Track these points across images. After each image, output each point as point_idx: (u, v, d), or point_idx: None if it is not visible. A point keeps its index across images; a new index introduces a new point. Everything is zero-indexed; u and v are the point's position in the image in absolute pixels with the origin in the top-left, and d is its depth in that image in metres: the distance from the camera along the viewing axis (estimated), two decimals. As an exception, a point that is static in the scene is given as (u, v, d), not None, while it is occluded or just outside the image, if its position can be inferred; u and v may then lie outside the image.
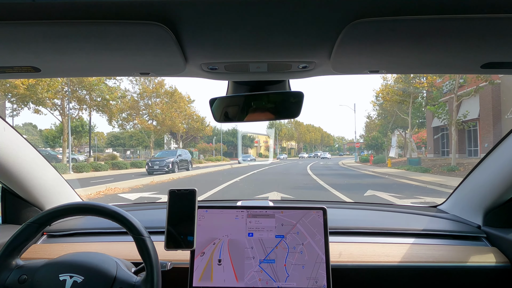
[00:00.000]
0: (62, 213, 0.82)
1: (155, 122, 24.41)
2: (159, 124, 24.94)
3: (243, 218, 1.02)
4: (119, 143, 41.01)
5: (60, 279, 0.76)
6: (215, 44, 0.63)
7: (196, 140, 32.84)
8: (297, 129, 64.89)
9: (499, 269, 1.06)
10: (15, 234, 0.79)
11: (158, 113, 24.61)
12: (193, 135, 29.37)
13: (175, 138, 29.36)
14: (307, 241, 0.99)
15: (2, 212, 1.26)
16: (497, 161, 1.13)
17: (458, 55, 0.67)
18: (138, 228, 0.79)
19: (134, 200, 7.30)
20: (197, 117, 28.52)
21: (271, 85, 0.92)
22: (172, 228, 0.84)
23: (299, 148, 67.90)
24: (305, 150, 67.32)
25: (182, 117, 25.71)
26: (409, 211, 1.44)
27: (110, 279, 0.77)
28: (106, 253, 0.87)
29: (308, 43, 0.63)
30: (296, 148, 67.52)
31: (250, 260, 0.97)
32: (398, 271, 1.06)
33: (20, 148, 1.12)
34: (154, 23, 0.53)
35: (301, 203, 1.25)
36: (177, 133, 28.17)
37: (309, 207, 1.02)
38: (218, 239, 1.00)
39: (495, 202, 1.17)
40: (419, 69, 0.78)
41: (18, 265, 0.80)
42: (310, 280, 0.95)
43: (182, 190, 0.87)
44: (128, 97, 24.00)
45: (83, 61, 0.70)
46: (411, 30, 0.56)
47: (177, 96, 25.33)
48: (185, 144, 33.40)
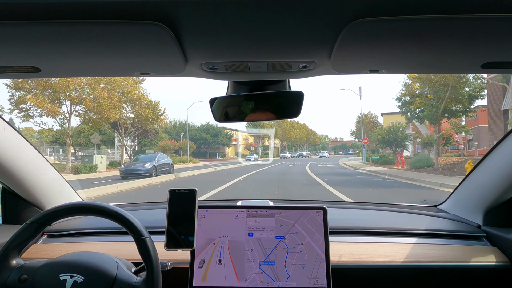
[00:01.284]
0: (62, 213, 0.83)
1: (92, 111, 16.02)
2: (89, 111, 16.54)
3: (243, 218, 1.02)
4: (62, 142, 31.61)
5: (61, 279, 0.77)
6: (215, 44, 0.63)
7: (148, 135, 24.22)
8: (281, 125, 57.72)
9: (499, 269, 1.06)
10: (16, 233, 0.80)
11: (88, 95, 16.18)
12: (143, 126, 20.79)
13: (118, 131, 20.61)
14: (306, 241, 0.99)
15: (2, 212, 1.27)
16: (497, 161, 1.13)
17: (458, 55, 0.67)
18: (139, 229, 0.79)
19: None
20: (148, 102, 20.18)
21: (271, 85, 0.92)
22: (172, 228, 0.84)
23: (282, 147, 60.56)
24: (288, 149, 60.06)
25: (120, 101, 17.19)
26: (409, 211, 1.43)
27: (111, 279, 0.78)
28: (106, 253, 0.87)
29: (308, 43, 0.63)
30: (280, 147, 60.21)
31: (250, 262, 0.97)
32: (399, 271, 1.06)
33: (20, 148, 1.12)
34: (154, 23, 0.53)
35: (301, 203, 1.27)
36: (121, 125, 19.69)
37: (309, 207, 1.02)
38: (218, 239, 1.00)
39: (495, 201, 1.16)
40: (419, 69, 0.78)
41: (19, 264, 0.80)
42: (311, 280, 0.95)
43: (182, 190, 0.88)
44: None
45: (83, 61, 0.70)
46: (411, 30, 0.56)
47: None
48: (135, 141, 24.80)
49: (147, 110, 19.41)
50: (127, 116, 19.87)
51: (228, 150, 47.27)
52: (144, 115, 19.30)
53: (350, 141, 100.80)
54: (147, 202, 1.69)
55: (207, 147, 43.38)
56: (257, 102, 0.91)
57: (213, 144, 43.33)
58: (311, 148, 75.61)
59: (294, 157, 44.31)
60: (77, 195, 1.46)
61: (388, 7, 0.50)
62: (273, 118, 0.93)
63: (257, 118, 0.93)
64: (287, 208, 1.02)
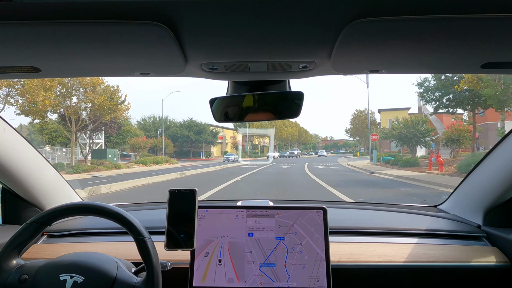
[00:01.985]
0: (63, 213, 0.82)
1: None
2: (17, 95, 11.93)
3: (243, 218, 1.01)
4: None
5: (61, 279, 0.76)
6: (215, 44, 0.63)
7: (108, 129, 19.19)
8: (271, 123, 53.57)
9: (499, 269, 1.06)
10: (16, 233, 0.80)
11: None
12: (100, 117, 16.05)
13: (68, 124, 15.76)
14: (306, 241, 0.98)
15: (2, 212, 1.26)
16: (497, 161, 1.12)
17: (458, 55, 0.67)
18: (139, 229, 0.79)
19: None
20: (105, 88, 15.58)
21: (271, 85, 0.91)
22: (172, 228, 0.84)
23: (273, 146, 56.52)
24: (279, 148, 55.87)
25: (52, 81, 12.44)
26: (409, 211, 1.43)
27: (110, 279, 0.77)
28: (106, 253, 0.87)
29: (308, 43, 0.63)
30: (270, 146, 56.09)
31: (250, 264, 0.97)
32: (399, 271, 1.06)
33: (20, 148, 1.12)
34: (154, 23, 0.53)
35: (302, 203, 1.25)
36: (69, 116, 15.02)
37: (309, 207, 1.01)
38: (218, 239, 0.99)
39: (495, 202, 1.16)
40: (419, 69, 0.78)
41: (19, 264, 0.80)
42: (312, 279, 0.95)
43: (182, 190, 0.87)
44: None
45: (83, 61, 0.69)
46: (411, 30, 0.56)
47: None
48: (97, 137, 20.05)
49: (102, 97, 14.78)
50: (77, 105, 15.22)
51: (214, 149, 42.74)
52: (98, 103, 14.69)
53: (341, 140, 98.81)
54: (147, 202, 1.66)
55: (190, 145, 38.73)
56: (257, 102, 0.91)
57: (196, 143, 38.66)
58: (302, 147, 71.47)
59: (284, 156, 38.35)
60: (77, 195, 1.45)
61: (388, 7, 0.50)
62: (273, 118, 0.92)
63: (257, 118, 0.93)
64: (286, 208, 1.02)
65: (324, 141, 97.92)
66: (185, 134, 37.66)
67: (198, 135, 37.39)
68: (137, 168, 18.20)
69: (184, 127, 38.75)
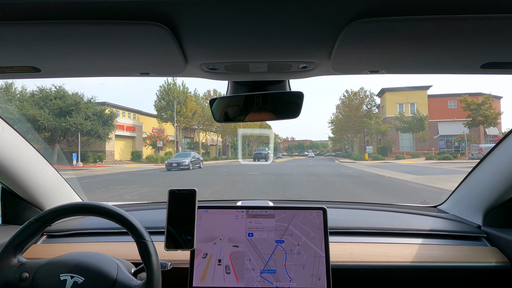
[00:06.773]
0: (65, 212, 0.82)
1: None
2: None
3: (243, 218, 1.01)
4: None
5: (61, 279, 0.76)
6: (215, 44, 0.63)
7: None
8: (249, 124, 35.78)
9: (499, 269, 1.06)
10: (18, 231, 0.79)
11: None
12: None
13: None
14: (302, 241, 0.98)
15: (2, 212, 1.24)
16: (497, 161, 1.12)
17: (458, 55, 0.66)
18: (141, 231, 0.79)
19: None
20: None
21: (271, 85, 0.91)
22: (172, 228, 0.84)
23: (224, 146, 38.73)
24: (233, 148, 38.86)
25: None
26: (409, 211, 1.42)
27: (110, 281, 0.77)
28: (106, 253, 0.86)
29: (308, 43, 0.63)
30: (221, 145, 38.24)
31: (250, 272, 0.96)
32: (398, 271, 1.06)
33: (20, 148, 1.11)
34: (154, 23, 0.53)
35: (302, 203, 1.24)
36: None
37: (309, 207, 1.01)
38: (218, 239, 0.99)
39: (495, 202, 1.16)
40: (419, 69, 0.78)
41: (20, 262, 0.80)
42: (313, 278, 0.95)
43: (182, 191, 0.87)
44: None
45: (83, 61, 0.69)
46: (411, 30, 0.56)
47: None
48: None
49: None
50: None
51: (110, 145, 23.40)
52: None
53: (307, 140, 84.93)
54: (147, 202, 1.66)
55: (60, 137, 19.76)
56: (257, 102, 0.90)
57: (71, 133, 19.82)
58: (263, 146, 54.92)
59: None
60: (77, 195, 1.44)
61: (388, 7, 0.50)
62: (273, 118, 0.92)
63: (256, 118, 0.93)
64: (286, 208, 1.02)
65: (285, 142, 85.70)
66: (45, 117, 18.55)
67: (71, 117, 18.51)
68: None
69: (43, 100, 19.51)
